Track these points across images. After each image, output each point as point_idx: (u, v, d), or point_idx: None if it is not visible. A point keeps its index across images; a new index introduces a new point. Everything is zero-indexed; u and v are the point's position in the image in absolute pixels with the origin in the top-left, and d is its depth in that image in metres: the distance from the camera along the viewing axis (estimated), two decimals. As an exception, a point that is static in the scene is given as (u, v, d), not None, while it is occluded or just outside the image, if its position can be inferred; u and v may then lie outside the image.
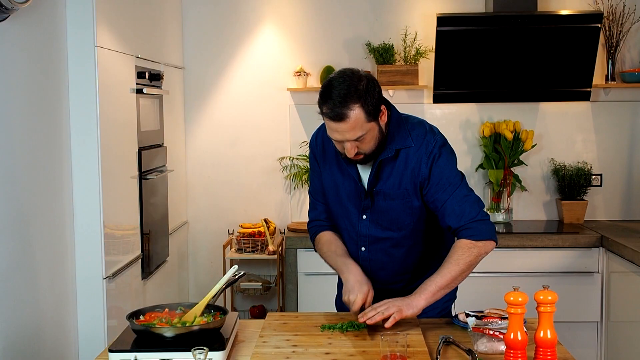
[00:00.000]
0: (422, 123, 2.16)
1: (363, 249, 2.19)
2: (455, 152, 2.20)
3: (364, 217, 2.16)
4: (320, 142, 2.24)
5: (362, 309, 2.03)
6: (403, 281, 2.23)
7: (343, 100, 1.93)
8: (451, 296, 2.27)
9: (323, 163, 2.22)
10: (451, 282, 2.01)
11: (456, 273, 2.01)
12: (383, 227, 2.15)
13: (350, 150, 2.00)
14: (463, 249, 2.03)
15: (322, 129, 2.23)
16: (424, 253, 2.23)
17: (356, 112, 1.94)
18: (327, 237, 2.25)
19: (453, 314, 2.22)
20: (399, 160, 2.09)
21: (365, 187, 2.13)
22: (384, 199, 2.12)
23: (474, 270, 2.00)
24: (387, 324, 1.93)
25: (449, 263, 2.02)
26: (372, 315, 1.95)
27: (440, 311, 2.25)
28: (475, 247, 2.03)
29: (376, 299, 2.14)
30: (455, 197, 2.06)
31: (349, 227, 2.20)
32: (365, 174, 2.14)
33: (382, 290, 2.18)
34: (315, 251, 2.31)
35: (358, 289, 2.05)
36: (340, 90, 1.94)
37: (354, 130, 1.96)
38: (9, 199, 2.25)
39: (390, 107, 2.12)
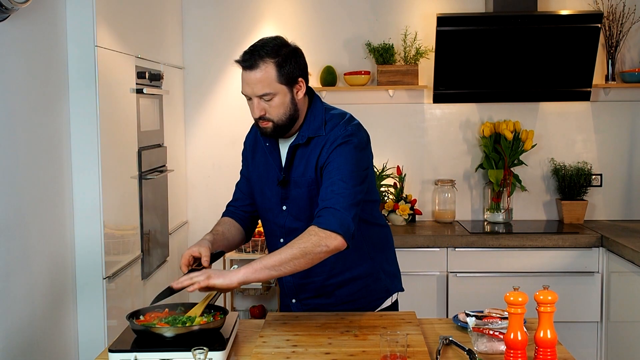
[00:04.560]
0: (343, 115, 2.14)
1: (282, 240, 2.17)
2: (455, 152, 2.20)
3: (284, 207, 2.16)
4: (253, 135, 2.28)
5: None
6: (322, 273, 2.17)
7: (258, 51, 2.00)
8: (381, 294, 2.24)
9: (252, 155, 2.25)
10: (279, 264, 1.90)
11: (286, 257, 1.89)
12: (295, 217, 2.15)
13: (256, 110, 2.02)
14: (304, 235, 1.93)
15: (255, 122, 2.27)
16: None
17: (268, 67, 2.00)
18: (223, 219, 2.27)
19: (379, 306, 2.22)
20: (309, 148, 2.10)
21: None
22: (294, 187, 2.13)
23: (473, 270, 1.99)
24: (190, 289, 1.92)
25: (285, 246, 1.93)
26: (182, 280, 1.94)
27: (370, 302, 2.23)
28: (316, 236, 1.90)
29: (297, 294, 2.20)
30: (333, 184, 1.98)
31: (272, 218, 2.20)
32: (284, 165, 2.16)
33: (303, 285, 2.19)
34: None
35: (187, 251, 2.04)
36: (262, 42, 2.04)
37: (262, 84, 1.99)
38: (8, 199, 2.25)
39: (314, 95, 2.16)
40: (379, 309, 2.24)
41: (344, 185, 1.97)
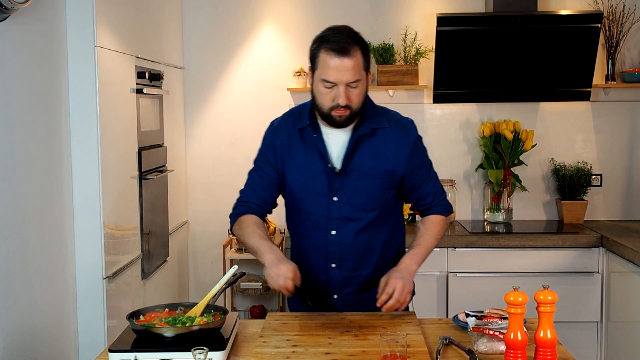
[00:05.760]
0: (388, 109, 2.26)
1: (333, 232, 2.17)
2: (455, 152, 2.25)
3: (335, 198, 2.15)
4: (285, 131, 2.22)
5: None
6: (370, 266, 2.21)
7: (350, 38, 2.02)
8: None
9: (288, 149, 2.20)
10: (430, 251, 2.21)
11: (433, 244, 2.22)
12: (356, 207, 2.15)
13: (343, 97, 2.01)
14: (440, 224, 2.25)
15: (282, 117, 2.28)
16: (387, 238, 2.25)
17: (357, 53, 2.02)
18: (255, 220, 2.20)
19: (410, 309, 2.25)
20: (377, 140, 2.14)
21: (338, 167, 2.13)
22: (361, 177, 2.13)
23: (473, 270, 2.03)
24: (401, 307, 2.05)
25: (429, 236, 2.22)
26: (390, 304, 2.02)
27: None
28: (447, 220, 2.28)
29: (341, 288, 2.19)
30: (432, 178, 2.26)
31: (318, 211, 2.17)
32: (335, 155, 2.14)
33: (350, 278, 2.20)
34: (231, 230, 2.30)
35: (284, 270, 1.98)
36: (347, 30, 2.05)
37: (354, 71, 2.00)
38: (8, 199, 2.25)
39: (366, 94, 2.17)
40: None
41: (434, 174, 2.29)
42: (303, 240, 2.26)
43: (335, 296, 2.23)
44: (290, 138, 2.20)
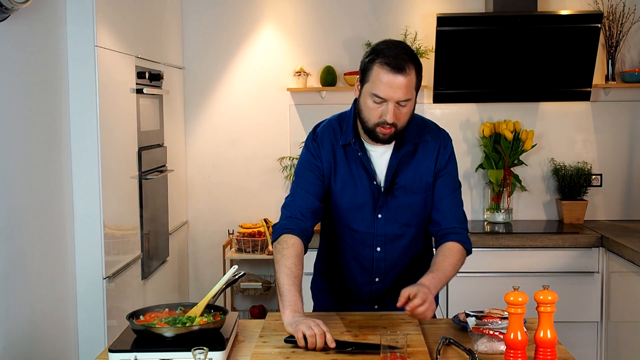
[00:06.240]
0: (425, 119, 2.21)
1: (379, 249, 2.16)
2: (455, 152, 2.23)
3: (379, 215, 2.13)
4: (329, 145, 2.13)
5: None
6: (412, 277, 2.16)
7: (406, 55, 1.95)
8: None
9: (334, 164, 2.13)
10: (448, 280, 2.06)
11: (451, 273, 2.07)
12: (402, 223, 2.14)
13: (391, 115, 1.94)
14: (458, 253, 2.09)
15: (323, 127, 2.18)
16: (428, 247, 2.27)
17: (412, 72, 1.95)
18: (295, 250, 2.02)
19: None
20: (417, 154, 2.11)
21: (382, 184, 2.11)
22: (405, 193, 2.11)
23: (473, 270, 2.01)
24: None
25: (447, 264, 2.05)
26: (425, 307, 1.88)
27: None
28: (464, 254, 2.12)
29: (382, 299, 2.18)
30: (455, 197, 2.14)
31: (362, 228, 2.15)
32: (379, 171, 2.11)
33: (392, 289, 2.17)
34: (274, 241, 2.15)
35: (314, 324, 1.83)
36: (403, 46, 1.98)
37: (407, 89, 1.94)
38: (8, 199, 2.25)
39: None
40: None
41: (460, 197, 2.17)
42: (344, 253, 2.22)
43: (376, 307, 2.24)
44: (335, 153, 2.13)
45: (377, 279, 2.21)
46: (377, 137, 2.02)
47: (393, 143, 2.09)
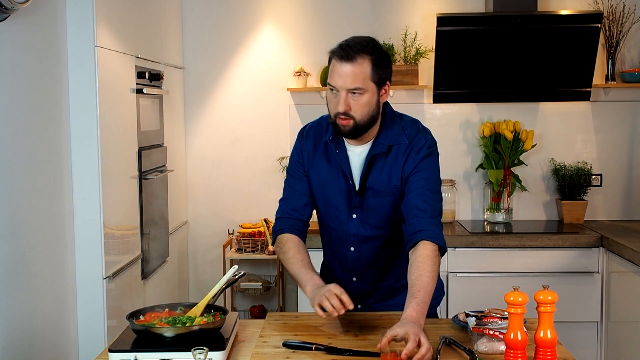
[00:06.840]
0: (415, 122, 2.16)
1: (352, 249, 2.17)
2: (455, 152, 2.21)
3: (354, 216, 2.13)
4: (312, 141, 2.18)
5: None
6: (392, 278, 2.22)
7: (357, 46, 1.98)
8: (440, 292, 2.27)
9: (312, 159, 2.18)
10: (431, 295, 1.91)
11: (431, 287, 1.92)
12: (373, 226, 2.13)
13: (342, 104, 1.96)
14: (431, 260, 1.95)
15: (313, 123, 2.23)
16: (401, 253, 2.19)
17: (365, 62, 1.96)
18: (294, 243, 2.12)
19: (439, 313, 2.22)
20: (390, 156, 2.09)
21: (357, 185, 2.12)
22: (374, 196, 2.10)
23: (473, 270, 2.00)
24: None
25: (418, 273, 1.91)
26: (422, 354, 1.68)
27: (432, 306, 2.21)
28: (436, 257, 1.98)
29: (365, 299, 2.18)
30: (423, 194, 2.03)
31: (338, 227, 2.17)
32: (356, 172, 2.12)
33: (373, 290, 2.20)
34: (273, 244, 2.24)
35: (326, 291, 1.90)
36: (359, 38, 2.01)
37: (356, 78, 1.95)
38: (8, 199, 2.25)
39: (386, 104, 2.12)
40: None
41: (433, 197, 2.05)
42: (327, 250, 2.28)
43: (360, 306, 2.24)
44: (316, 148, 2.17)
45: (354, 279, 2.21)
46: (339, 130, 2.03)
47: (370, 142, 2.09)
